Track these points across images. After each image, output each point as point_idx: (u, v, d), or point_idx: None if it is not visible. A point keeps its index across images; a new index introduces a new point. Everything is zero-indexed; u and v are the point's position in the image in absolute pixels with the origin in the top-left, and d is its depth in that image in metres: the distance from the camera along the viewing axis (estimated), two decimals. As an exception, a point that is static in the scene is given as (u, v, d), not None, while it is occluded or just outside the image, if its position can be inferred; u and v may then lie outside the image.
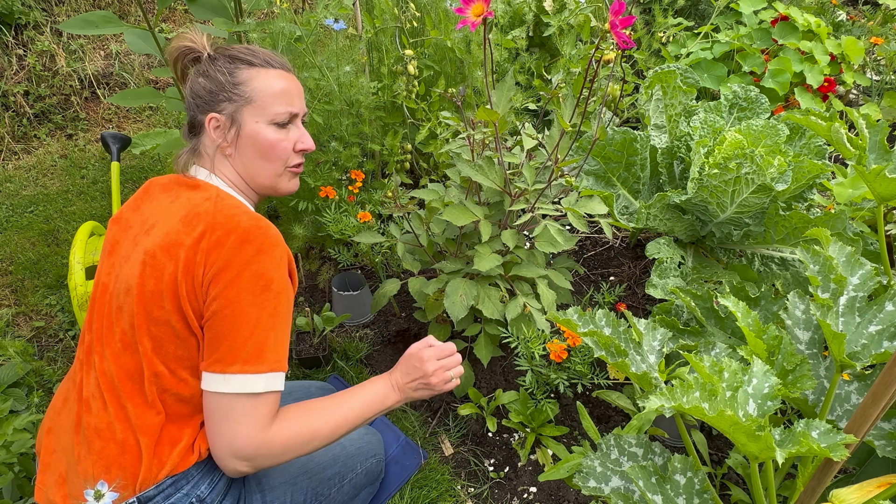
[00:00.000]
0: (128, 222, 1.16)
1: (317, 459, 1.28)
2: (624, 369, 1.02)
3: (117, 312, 1.08)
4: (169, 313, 1.05)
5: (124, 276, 1.09)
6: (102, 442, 1.05)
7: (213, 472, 1.11)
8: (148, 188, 1.20)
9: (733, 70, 2.69)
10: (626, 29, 1.17)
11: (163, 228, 1.09)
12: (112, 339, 1.08)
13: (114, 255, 1.14)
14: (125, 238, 1.14)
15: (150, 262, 1.06)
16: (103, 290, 1.12)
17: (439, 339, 1.71)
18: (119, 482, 1.03)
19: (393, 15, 2.05)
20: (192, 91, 1.17)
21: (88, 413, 1.07)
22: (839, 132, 1.50)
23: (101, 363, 1.08)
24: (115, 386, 1.07)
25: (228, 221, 1.07)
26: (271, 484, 1.19)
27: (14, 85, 2.99)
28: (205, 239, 1.05)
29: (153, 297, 1.05)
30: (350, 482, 1.34)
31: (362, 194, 2.05)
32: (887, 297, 1.13)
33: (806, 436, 0.86)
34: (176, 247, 1.05)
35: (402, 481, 1.56)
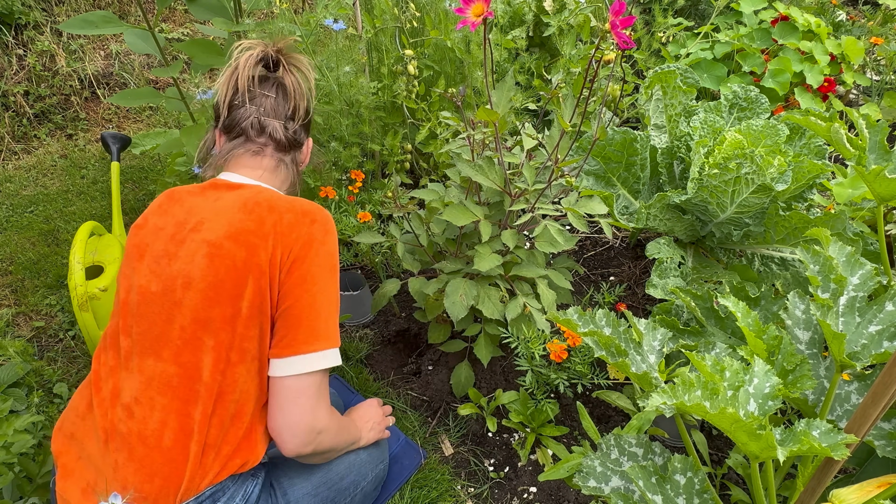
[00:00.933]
0: (156, 226, 1.14)
1: (335, 469, 1.28)
2: (624, 369, 1.02)
3: (173, 309, 1.06)
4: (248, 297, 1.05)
5: (177, 273, 1.07)
6: (146, 449, 1.02)
7: (245, 484, 1.11)
8: (171, 195, 1.18)
9: (733, 70, 2.69)
10: (626, 29, 1.17)
11: (221, 221, 1.09)
12: (169, 338, 1.05)
13: (145, 258, 1.11)
14: (157, 240, 1.11)
15: (217, 252, 1.06)
16: (142, 292, 1.08)
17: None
18: (133, 494, 1.01)
19: (393, 15, 2.05)
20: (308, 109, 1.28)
21: (130, 419, 1.04)
22: (839, 132, 1.50)
23: (156, 364, 1.05)
24: (171, 386, 1.04)
25: (293, 205, 1.14)
26: (296, 496, 1.19)
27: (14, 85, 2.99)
28: (279, 223, 1.09)
29: (226, 285, 1.05)
30: (361, 490, 1.36)
31: (362, 194, 2.05)
32: (887, 297, 1.13)
33: (807, 435, 0.86)
34: (244, 234, 1.08)
35: (402, 481, 1.56)
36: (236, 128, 1.21)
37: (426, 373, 1.85)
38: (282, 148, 1.23)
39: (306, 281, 1.09)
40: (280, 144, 1.23)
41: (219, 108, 1.22)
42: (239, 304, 1.06)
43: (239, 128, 1.21)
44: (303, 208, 1.14)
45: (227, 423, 1.06)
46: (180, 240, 1.10)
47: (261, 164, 1.22)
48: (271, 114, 1.22)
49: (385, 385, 1.83)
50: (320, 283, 1.10)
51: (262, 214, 1.10)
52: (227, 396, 1.06)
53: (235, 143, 1.21)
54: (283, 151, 1.24)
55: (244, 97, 1.20)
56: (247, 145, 1.21)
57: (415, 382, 1.84)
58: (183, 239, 1.10)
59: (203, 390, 1.04)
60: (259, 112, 1.21)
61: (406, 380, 1.86)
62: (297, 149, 1.28)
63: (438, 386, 1.78)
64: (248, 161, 1.22)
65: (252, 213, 1.10)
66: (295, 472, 1.22)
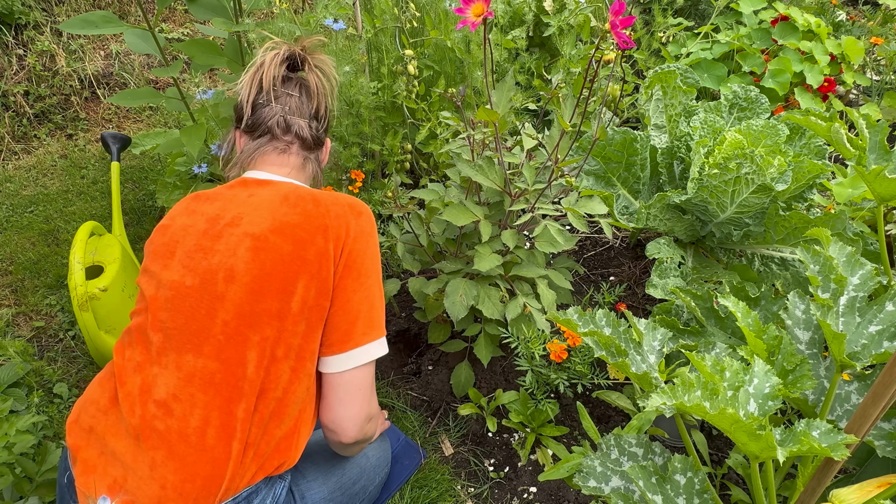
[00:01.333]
0: (184, 224, 1.11)
1: (349, 474, 1.29)
2: (624, 369, 1.02)
3: (214, 303, 1.04)
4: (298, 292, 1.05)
5: (217, 266, 1.05)
6: (188, 447, 1.00)
7: (274, 486, 1.10)
8: (197, 195, 1.17)
9: (733, 70, 2.69)
10: (626, 29, 1.17)
11: (263, 215, 1.09)
12: (211, 333, 1.03)
13: (176, 254, 1.08)
14: (187, 237, 1.09)
15: (262, 246, 1.06)
16: (175, 287, 1.05)
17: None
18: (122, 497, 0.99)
19: (393, 15, 2.05)
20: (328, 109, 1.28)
21: (169, 416, 1.01)
22: (839, 132, 1.50)
23: (196, 360, 1.02)
24: (214, 383, 1.02)
25: (338, 199, 1.15)
26: (314, 499, 1.19)
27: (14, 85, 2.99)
28: (327, 215, 1.10)
29: (272, 279, 1.04)
30: (369, 495, 1.37)
31: (362, 194, 2.05)
32: (887, 297, 1.13)
33: (807, 435, 0.86)
34: (290, 228, 1.07)
35: (402, 480, 1.56)
36: (261, 126, 1.21)
37: (426, 373, 1.85)
38: (307, 146, 1.24)
39: (361, 275, 1.11)
40: (306, 143, 1.23)
41: (242, 107, 1.21)
42: (287, 298, 1.05)
43: (264, 126, 1.21)
44: (347, 201, 1.15)
45: (266, 421, 1.05)
46: (215, 234, 1.08)
47: (288, 161, 1.22)
48: (296, 112, 1.22)
49: (385, 385, 1.83)
50: (374, 276, 1.13)
51: (308, 208, 1.10)
52: (269, 394, 1.05)
53: (261, 141, 1.21)
54: (308, 150, 1.25)
55: (269, 96, 1.20)
56: (273, 143, 1.21)
57: (415, 382, 1.84)
58: (219, 234, 1.08)
59: (247, 387, 1.02)
60: (284, 111, 1.21)
61: (406, 380, 1.86)
62: (321, 148, 1.29)
63: (438, 386, 1.78)
64: (275, 159, 1.21)
65: (296, 206, 1.10)
66: (312, 476, 1.22)
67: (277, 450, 1.07)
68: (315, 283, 1.07)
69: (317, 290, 1.07)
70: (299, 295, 1.06)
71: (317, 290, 1.07)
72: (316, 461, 1.26)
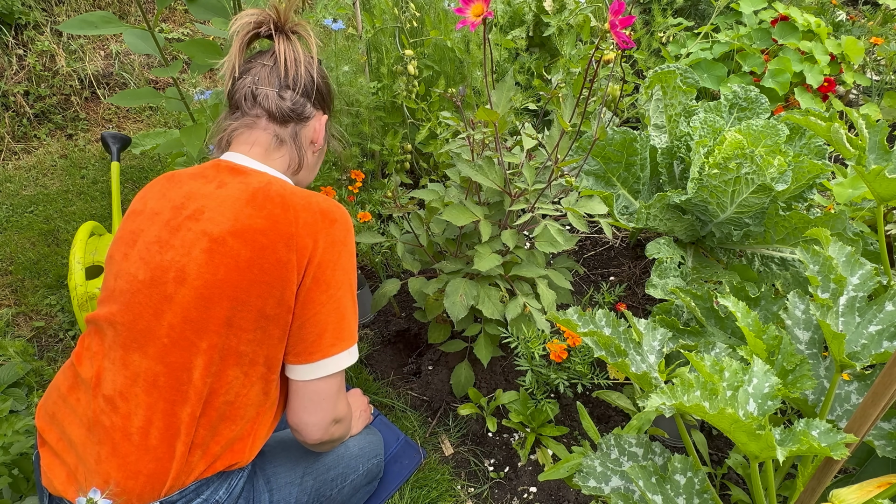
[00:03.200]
0: (153, 210, 1.06)
1: (322, 459, 1.27)
2: (624, 369, 1.02)
3: (162, 303, 1.00)
4: (251, 301, 1.00)
5: (169, 263, 1.01)
6: (131, 446, 0.99)
7: (229, 478, 1.08)
8: (171, 176, 1.11)
9: (733, 70, 2.69)
10: (625, 29, 1.17)
11: (225, 213, 1.02)
12: (156, 335, 1.00)
13: (138, 243, 1.04)
14: (151, 226, 1.05)
15: (218, 248, 1.00)
16: (130, 280, 1.02)
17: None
18: (112, 489, 0.99)
19: (393, 15, 2.05)
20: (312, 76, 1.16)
21: (114, 413, 1.00)
22: (839, 132, 1.50)
23: (141, 361, 1.00)
24: (157, 386, 0.99)
25: (310, 203, 1.07)
26: (279, 483, 1.18)
27: (14, 85, 2.99)
28: (295, 222, 1.03)
29: (225, 286, 0.99)
30: (351, 483, 1.34)
31: (362, 194, 2.05)
32: (887, 297, 1.13)
33: (806, 435, 0.86)
34: (251, 232, 1.01)
35: (402, 480, 1.56)
36: (233, 101, 1.15)
37: (426, 373, 1.85)
38: (275, 119, 1.14)
39: (331, 287, 1.05)
40: (272, 115, 1.13)
41: (225, 86, 1.17)
42: (238, 307, 1.00)
43: (235, 101, 1.15)
44: (320, 207, 1.07)
45: (215, 423, 1.03)
46: (175, 227, 1.03)
47: (256, 138, 1.14)
48: (265, 82, 1.13)
49: (385, 385, 1.83)
50: (345, 287, 1.07)
51: (275, 212, 1.03)
52: (219, 398, 1.02)
53: (233, 118, 1.15)
54: (279, 124, 1.14)
55: (242, 68, 1.14)
56: (243, 119, 1.14)
57: (415, 382, 1.84)
58: (178, 226, 1.03)
59: (192, 392, 1.00)
60: (254, 82, 1.13)
61: (406, 380, 1.86)
62: (299, 122, 1.17)
63: (438, 386, 1.78)
64: (245, 136, 1.14)
65: (262, 209, 1.03)
66: (280, 462, 1.20)
67: (231, 450, 1.05)
68: (273, 292, 1.01)
69: (275, 300, 1.02)
70: (253, 304, 1.01)
71: (275, 301, 1.02)
72: (286, 446, 1.24)
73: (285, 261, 1.02)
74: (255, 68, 1.14)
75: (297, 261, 1.03)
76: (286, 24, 1.15)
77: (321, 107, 1.22)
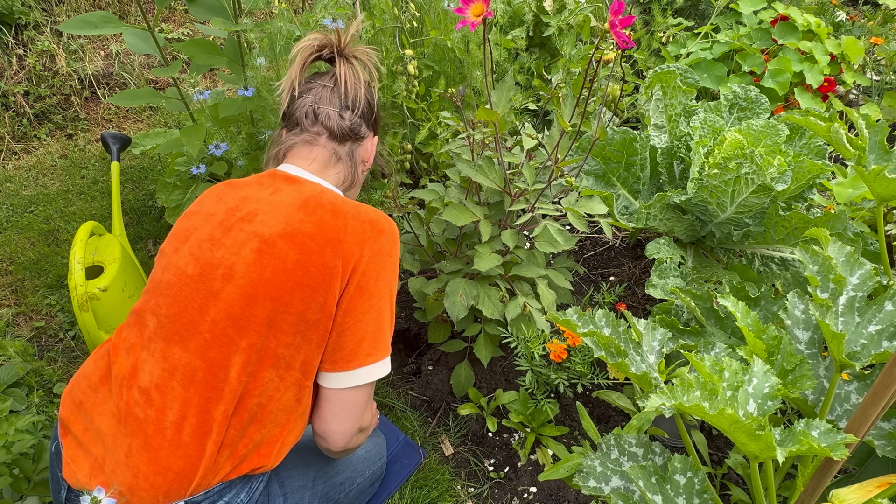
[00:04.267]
0: (209, 212, 1.10)
1: (332, 464, 1.28)
2: (624, 369, 1.02)
3: (208, 299, 1.02)
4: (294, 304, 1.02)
5: (219, 261, 1.03)
6: (163, 440, 0.99)
7: (250, 482, 1.09)
8: (230, 183, 1.17)
9: (733, 70, 2.69)
10: (625, 29, 1.17)
11: (277, 217, 1.06)
12: (198, 330, 1.01)
13: (190, 240, 1.07)
14: (205, 225, 1.08)
15: (267, 249, 1.03)
16: (178, 273, 1.04)
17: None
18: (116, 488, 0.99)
19: (393, 15, 2.05)
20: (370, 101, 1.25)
21: (149, 406, 1.00)
22: (839, 132, 1.50)
23: (182, 354, 1.01)
24: (195, 381, 1.00)
25: (359, 212, 1.11)
26: (293, 487, 1.19)
27: (14, 85, 2.99)
28: (344, 230, 1.06)
29: (270, 286, 1.01)
30: (357, 486, 1.35)
31: (362, 194, 2.05)
32: (887, 297, 1.13)
33: (806, 435, 0.86)
34: (301, 236, 1.04)
35: (402, 480, 1.56)
36: (293, 118, 1.20)
37: (426, 373, 1.85)
38: (335, 137, 1.19)
39: (373, 296, 1.07)
40: (333, 133, 1.19)
41: (282, 102, 1.22)
42: (281, 308, 1.02)
43: (295, 118, 1.20)
44: (369, 217, 1.10)
45: (246, 424, 1.04)
46: (228, 227, 1.06)
47: (313, 154, 1.19)
48: (326, 102, 1.19)
49: (385, 385, 1.83)
50: (386, 297, 1.09)
51: (325, 218, 1.06)
52: (252, 399, 1.03)
53: (292, 133, 1.21)
54: (338, 142, 1.20)
55: (301, 88, 1.20)
56: (302, 135, 1.20)
57: (415, 382, 1.84)
58: (231, 226, 1.06)
59: (227, 390, 1.01)
60: (315, 101, 1.19)
61: (406, 380, 1.86)
62: (356, 141, 1.23)
63: (438, 386, 1.78)
64: (303, 151, 1.19)
65: (313, 214, 1.06)
66: (293, 465, 1.21)
67: (257, 453, 1.06)
68: (316, 297, 1.03)
69: (317, 305, 1.03)
70: (295, 307, 1.02)
71: (317, 306, 1.03)
72: (299, 450, 1.25)
73: (331, 266, 1.04)
74: (316, 89, 1.21)
75: (342, 267, 1.05)
76: (346, 48, 1.23)
77: (374, 128, 1.29)
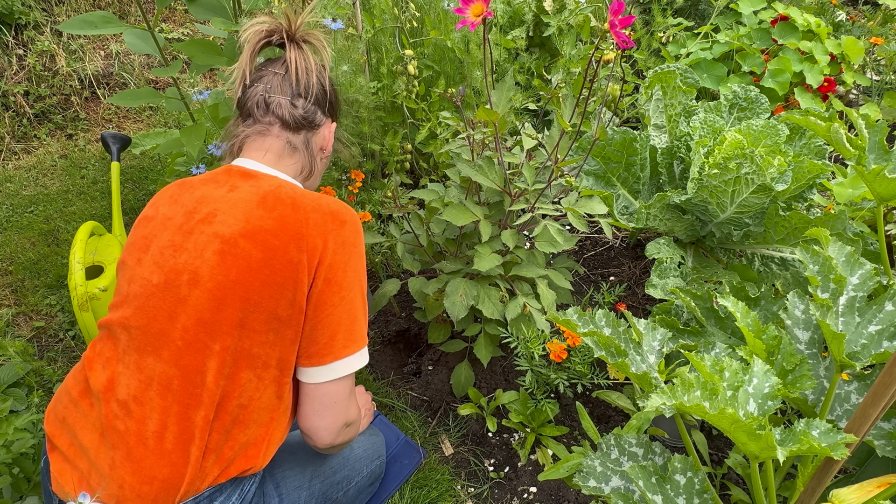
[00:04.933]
0: (165, 216, 1.07)
1: (328, 462, 1.28)
2: (624, 369, 1.02)
3: (176, 306, 1.00)
4: (263, 302, 1.00)
5: (183, 266, 1.01)
6: (145, 451, 0.99)
7: (241, 485, 1.08)
8: (182, 183, 1.12)
9: (733, 70, 2.69)
10: (625, 29, 1.17)
11: (237, 215, 1.03)
12: (170, 338, 1.00)
13: (151, 248, 1.05)
14: (164, 231, 1.05)
15: (230, 250, 1.01)
16: (144, 284, 1.02)
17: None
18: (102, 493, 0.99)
19: (393, 15, 2.05)
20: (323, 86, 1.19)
21: (128, 417, 0.99)
22: (838, 132, 1.50)
23: (156, 364, 1.00)
24: (171, 390, 0.99)
25: (319, 204, 1.08)
26: (289, 488, 1.18)
27: (14, 85, 2.99)
28: (305, 223, 1.04)
29: (237, 287, 1.00)
30: (356, 485, 1.35)
31: (362, 194, 2.05)
32: (887, 297, 1.13)
33: (806, 435, 0.86)
34: (262, 234, 1.02)
35: (402, 480, 1.56)
36: (245, 108, 1.17)
37: (426, 373, 1.85)
38: (288, 126, 1.16)
39: (343, 288, 1.06)
40: (286, 123, 1.15)
41: (236, 92, 1.18)
42: (250, 308, 1.01)
43: (247, 108, 1.16)
44: (330, 208, 1.08)
45: (228, 427, 1.03)
46: (188, 230, 1.04)
47: (268, 145, 1.15)
48: (277, 90, 1.15)
49: (385, 385, 1.83)
50: (356, 288, 1.08)
51: (285, 213, 1.04)
52: (231, 401, 1.02)
53: (245, 124, 1.17)
54: (291, 131, 1.16)
55: (252, 76, 1.16)
56: (255, 126, 1.16)
57: (415, 382, 1.84)
58: (191, 230, 1.04)
59: (205, 395, 1.00)
60: (266, 90, 1.15)
61: (406, 380, 1.86)
62: (311, 129, 1.19)
63: (438, 386, 1.78)
64: (256, 143, 1.16)
65: (273, 210, 1.04)
66: (288, 466, 1.21)
67: (244, 455, 1.05)
68: (284, 293, 1.02)
69: (286, 301, 1.02)
70: (265, 305, 1.01)
71: (287, 302, 1.02)
72: (293, 450, 1.24)
73: (296, 261, 1.02)
74: (267, 76, 1.16)
75: (307, 261, 1.03)
76: (297, 32, 1.17)
77: (331, 115, 1.24)
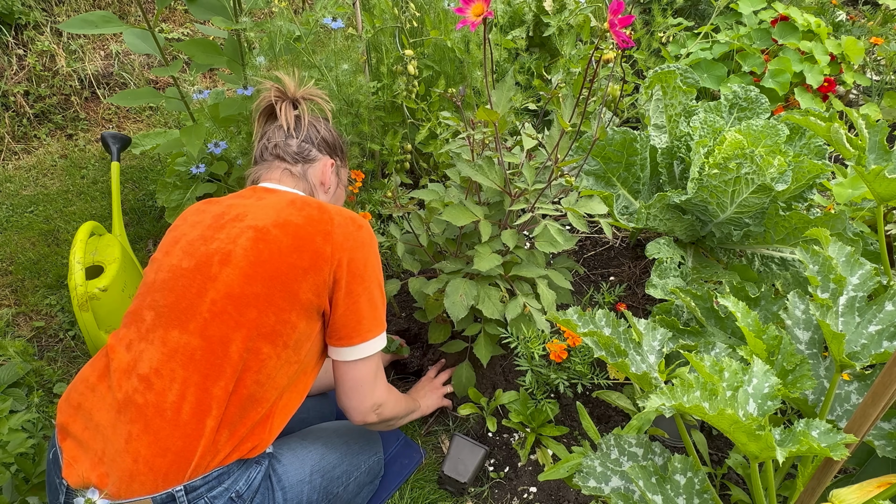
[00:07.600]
0: (194, 221, 1.21)
1: (327, 458, 1.32)
2: (624, 369, 1.02)
3: (206, 283, 1.10)
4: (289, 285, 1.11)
5: (214, 251, 1.12)
6: (163, 422, 1.03)
7: (248, 470, 1.12)
8: (209, 200, 1.28)
9: (733, 70, 2.69)
10: (625, 28, 1.17)
11: (268, 212, 1.18)
12: (198, 311, 1.08)
13: (179, 243, 1.17)
14: (193, 230, 1.18)
15: (262, 237, 1.14)
16: (172, 270, 1.13)
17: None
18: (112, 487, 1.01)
19: (393, 15, 2.05)
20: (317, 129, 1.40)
21: (149, 390, 1.05)
22: (838, 132, 1.50)
23: (181, 336, 1.07)
24: (194, 360, 1.05)
25: (341, 210, 1.25)
26: (291, 482, 1.22)
27: (14, 85, 2.99)
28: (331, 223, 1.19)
29: (267, 266, 1.11)
30: (355, 480, 1.38)
31: (362, 194, 2.05)
32: (887, 297, 1.13)
33: (806, 435, 0.86)
34: (293, 226, 1.16)
35: (402, 480, 1.56)
36: (255, 157, 1.40)
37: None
38: (284, 159, 1.34)
39: (366, 280, 1.20)
40: (280, 156, 1.35)
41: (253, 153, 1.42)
42: (277, 286, 1.10)
43: (255, 156, 1.40)
44: (349, 214, 1.25)
45: (244, 402, 1.08)
46: (219, 226, 1.16)
47: (275, 175, 1.34)
48: (275, 137, 1.37)
49: (385, 385, 1.83)
50: (376, 280, 1.23)
51: (313, 213, 1.19)
52: (251, 376, 1.08)
53: (256, 167, 1.38)
54: (289, 162, 1.34)
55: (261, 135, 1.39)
56: (262, 164, 1.37)
57: (415, 382, 1.84)
58: (222, 226, 1.16)
59: (227, 366, 1.06)
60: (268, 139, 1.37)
61: (406, 380, 1.86)
62: (306, 162, 1.36)
63: (438, 386, 1.78)
64: (268, 175, 1.35)
65: (302, 210, 1.20)
66: (288, 461, 1.25)
67: (253, 432, 1.11)
68: (307, 278, 1.13)
69: (312, 285, 1.13)
70: (290, 287, 1.12)
71: (312, 286, 1.13)
72: (292, 445, 1.29)
73: (321, 251, 1.15)
74: (270, 132, 1.39)
75: (331, 254, 1.16)
76: (292, 96, 1.39)
77: (328, 153, 1.40)
